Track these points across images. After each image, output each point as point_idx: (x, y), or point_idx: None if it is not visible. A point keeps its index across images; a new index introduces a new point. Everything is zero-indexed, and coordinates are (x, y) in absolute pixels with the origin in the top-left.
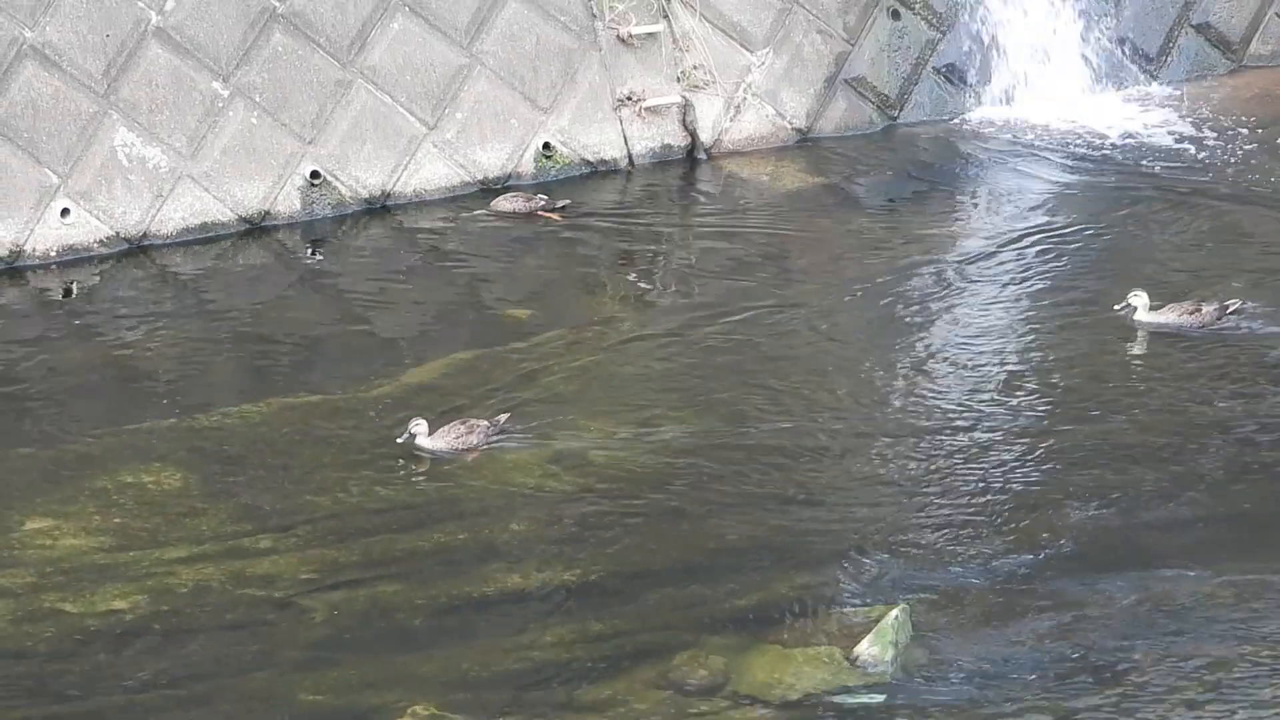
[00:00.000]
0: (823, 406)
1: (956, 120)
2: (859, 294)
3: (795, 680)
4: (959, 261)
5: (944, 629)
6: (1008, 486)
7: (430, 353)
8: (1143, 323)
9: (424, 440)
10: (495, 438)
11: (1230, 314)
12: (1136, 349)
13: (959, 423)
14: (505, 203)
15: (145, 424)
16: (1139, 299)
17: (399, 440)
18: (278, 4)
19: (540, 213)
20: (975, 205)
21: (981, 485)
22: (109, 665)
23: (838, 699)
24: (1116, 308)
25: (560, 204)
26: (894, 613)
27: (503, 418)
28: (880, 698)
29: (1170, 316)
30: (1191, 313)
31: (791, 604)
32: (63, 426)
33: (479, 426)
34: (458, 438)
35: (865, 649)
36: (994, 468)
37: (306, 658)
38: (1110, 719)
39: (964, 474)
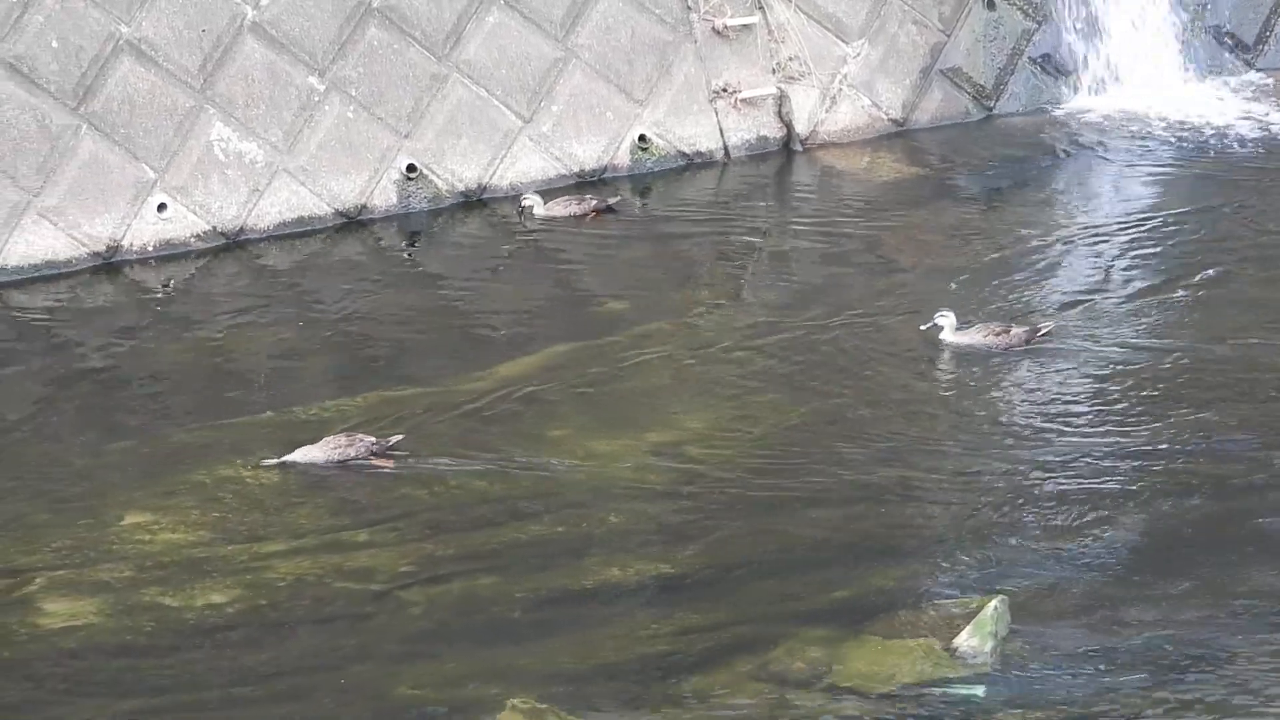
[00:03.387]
0: (920, 399)
1: (1053, 110)
2: (957, 286)
3: (894, 672)
4: (1057, 252)
5: (1043, 620)
6: (1107, 478)
7: (527, 345)
8: (948, 343)
9: (300, 451)
10: (383, 455)
11: (1041, 335)
12: (950, 364)
13: (1058, 414)
14: (557, 207)
15: (243, 418)
16: (946, 319)
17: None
18: None
19: (594, 213)
20: (1072, 195)
21: (1081, 477)
22: (208, 659)
23: (937, 691)
24: (923, 327)
25: (612, 200)
26: (993, 604)
27: (395, 438)
28: (979, 689)
29: (977, 337)
30: (999, 334)
31: (890, 596)
32: (161, 421)
33: (361, 441)
34: (335, 449)
35: (964, 640)
36: (1094, 459)
37: (405, 651)
38: (1211, 710)
39: (1063, 465)
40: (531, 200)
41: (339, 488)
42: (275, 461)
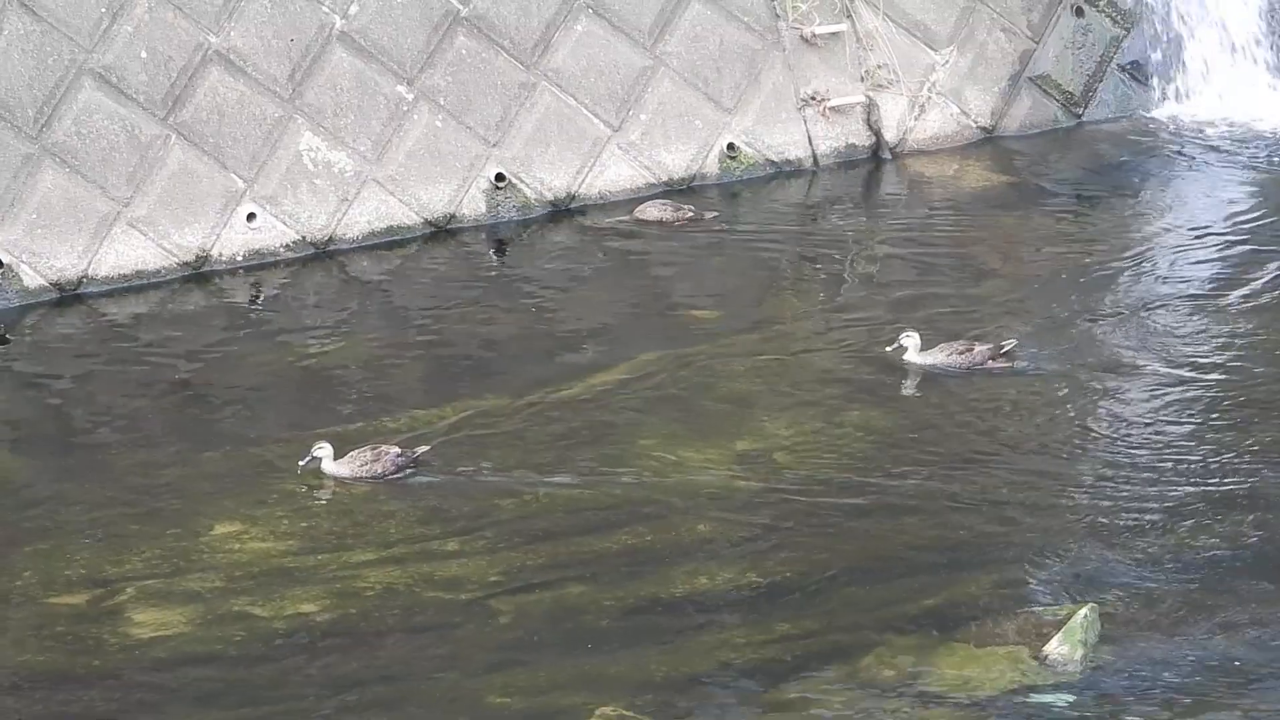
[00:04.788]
0: (1010, 405)
1: (1142, 117)
2: (1046, 294)
3: (984, 679)
4: (1148, 260)
5: (1133, 628)
6: (1197, 485)
7: (616, 354)
8: (913, 363)
9: (329, 465)
10: (408, 469)
11: (1004, 353)
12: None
13: (1149, 420)
14: (653, 210)
15: (333, 427)
16: (911, 339)
17: (301, 464)
18: (461, 7)
19: (687, 222)
20: (1162, 203)
21: (1171, 484)
22: (297, 668)
23: (1026, 698)
24: (888, 349)
25: (708, 215)
26: (1083, 612)
27: (421, 449)
28: (1069, 697)
29: (940, 357)
30: (963, 352)
31: (979, 603)
32: (251, 430)
33: (387, 454)
34: (362, 465)
35: (1054, 648)
36: (1184, 466)
37: (494, 659)
38: None
39: (1153, 472)
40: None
41: (428, 497)
42: (305, 462)
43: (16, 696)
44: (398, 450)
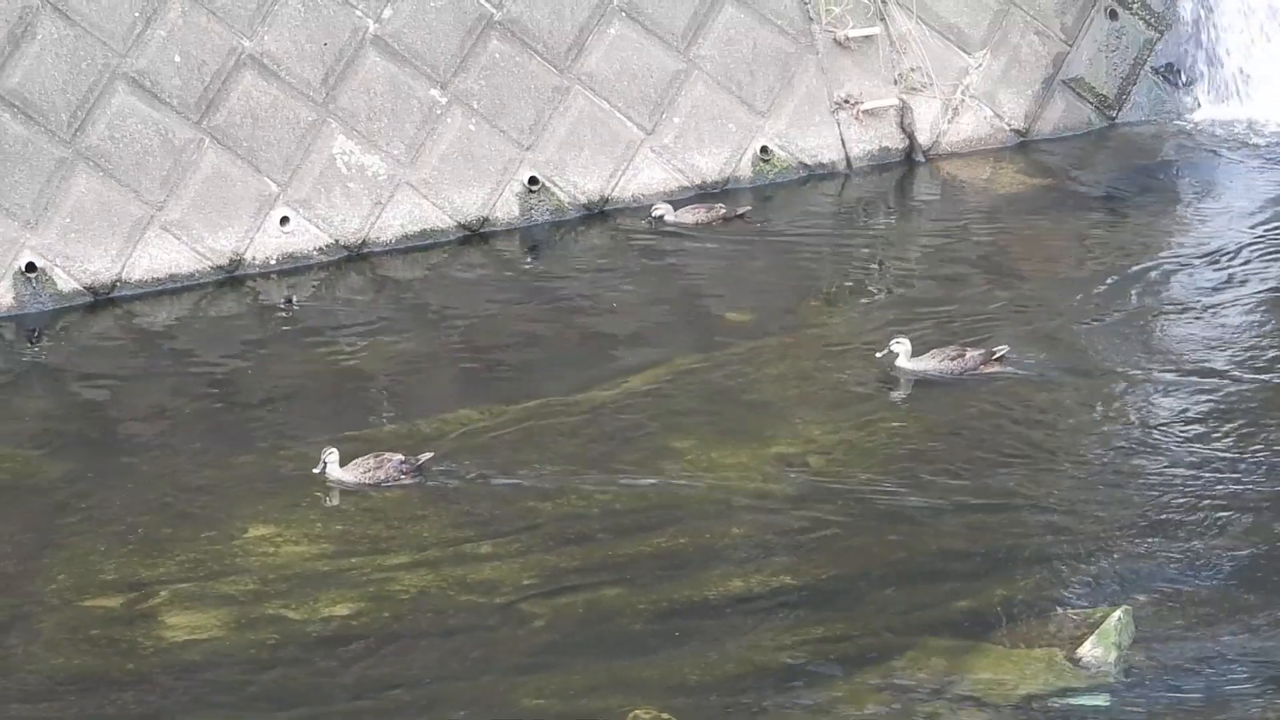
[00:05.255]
0: (1043, 408)
1: (1175, 120)
2: (1080, 297)
3: (1017, 682)
4: (1183, 264)
5: (1167, 630)
6: (1234, 487)
7: (650, 357)
8: (904, 369)
9: (334, 471)
10: (412, 475)
11: (996, 359)
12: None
13: (1183, 423)
14: (686, 215)
15: (366, 430)
16: (901, 346)
17: (315, 471)
18: (494, 11)
19: (721, 219)
20: (1197, 207)
21: (1206, 486)
22: (331, 671)
23: (1060, 701)
24: (878, 354)
25: (741, 210)
26: (1117, 614)
27: (425, 456)
28: (1103, 700)
29: (932, 363)
30: (954, 358)
31: (1013, 606)
32: (284, 433)
33: (390, 461)
34: (365, 471)
35: (1088, 651)
36: (1219, 468)
37: (528, 662)
38: None
39: (1187, 473)
40: (662, 209)
41: (461, 500)
42: (319, 469)
43: (51, 699)
44: (400, 457)
